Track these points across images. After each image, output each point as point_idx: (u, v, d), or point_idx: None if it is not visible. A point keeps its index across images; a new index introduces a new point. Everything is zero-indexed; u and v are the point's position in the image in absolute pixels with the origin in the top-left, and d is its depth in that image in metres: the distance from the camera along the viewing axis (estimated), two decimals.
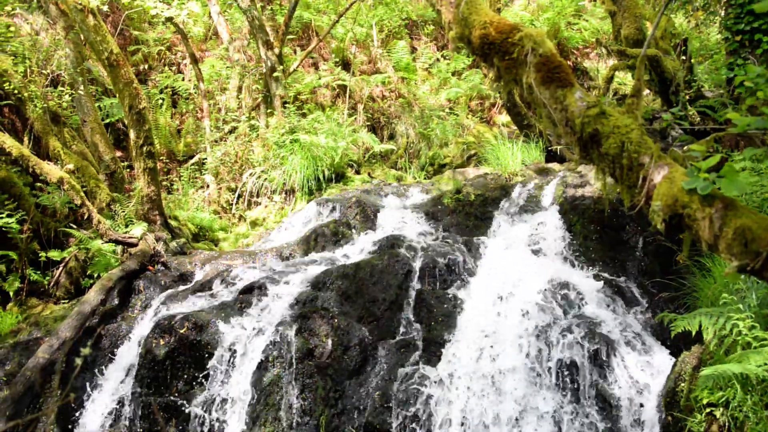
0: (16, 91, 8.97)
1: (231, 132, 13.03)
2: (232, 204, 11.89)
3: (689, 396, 4.79)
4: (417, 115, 13.98)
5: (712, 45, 12.45)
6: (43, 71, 9.89)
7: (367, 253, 8.08)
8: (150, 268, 8.20)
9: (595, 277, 7.19)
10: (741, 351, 4.30)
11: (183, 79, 14.07)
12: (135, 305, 7.70)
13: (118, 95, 9.23)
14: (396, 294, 7.09)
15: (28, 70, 9.64)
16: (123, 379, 6.65)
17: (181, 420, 6.14)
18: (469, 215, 9.05)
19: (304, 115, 12.89)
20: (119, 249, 8.62)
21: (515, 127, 12.59)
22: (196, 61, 13.17)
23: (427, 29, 16.70)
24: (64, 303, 8.10)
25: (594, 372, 5.85)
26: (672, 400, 5.13)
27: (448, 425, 5.67)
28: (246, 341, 6.50)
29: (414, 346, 6.56)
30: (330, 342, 6.37)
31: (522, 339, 6.20)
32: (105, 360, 6.95)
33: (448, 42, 16.82)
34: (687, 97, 8.63)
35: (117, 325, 7.28)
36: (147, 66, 14.11)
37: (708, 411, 4.56)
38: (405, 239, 7.99)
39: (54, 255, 8.34)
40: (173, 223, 9.93)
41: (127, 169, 10.75)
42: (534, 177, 9.77)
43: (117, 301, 7.73)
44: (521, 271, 7.22)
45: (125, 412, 6.40)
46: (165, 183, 11.94)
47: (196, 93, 13.71)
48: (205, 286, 7.82)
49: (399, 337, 6.77)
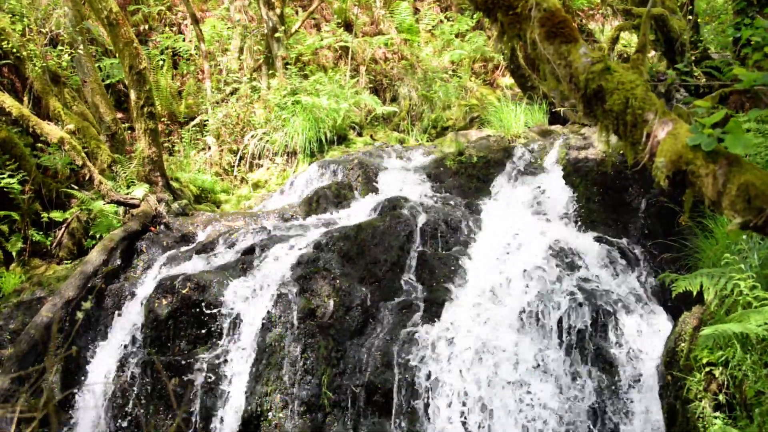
0: (14, 50, 8.88)
1: (232, 93, 12.94)
2: (233, 166, 11.86)
3: (689, 356, 4.81)
4: (420, 78, 13.86)
5: (719, 5, 12.28)
6: (42, 30, 9.79)
7: (369, 215, 8.07)
8: (152, 229, 8.21)
9: (597, 239, 7.19)
10: (741, 311, 4.31)
11: (184, 40, 13.93)
12: (137, 266, 7.72)
13: (118, 55, 9.15)
14: (398, 255, 7.10)
15: (26, 28, 9.54)
16: (126, 339, 6.69)
17: (184, 378, 6.19)
18: (472, 177, 9.03)
19: (305, 77, 12.79)
20: (121, 210, 8.63)
21: (519, 90, 12.48)
22: (197, 22, 13.03)
23: None
24: (66, 263, 8.13)
25: (594, 332, 5.88)
26: (672, 359, 5.16)
27: (448, 384, 5.71)
28: (248, 301, 6.52)
29: (415, 306, 6.59)
30: (332, 303, 6.39)
31: (523, 300, 6.22)
32: (108, 320, 6.99)
33: (451, 3, 16.62)
34: (693, 58, 8.53)
35: (119, 285, 7.31)
36: (147, 26, 13.97)
37: (707, 370, 4.58)
38: (407, 201, 7.97)
39: (56, 216, 8.34)
40: (175, 185, 9.92)
41: (128, 131, 10.70)
42: (537, 139, 9.71)
43: (119, 262, 7.75)
44: (523, 233, 7.21)
45: (129, 370, 6.45)
46: (166, 145, 11.89)
47: (197, 54, 13.58)
48: (207, 247, 7.83)
49: (400, 298, 6.79)
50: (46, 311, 6.48)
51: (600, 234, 7.36)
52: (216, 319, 6.45)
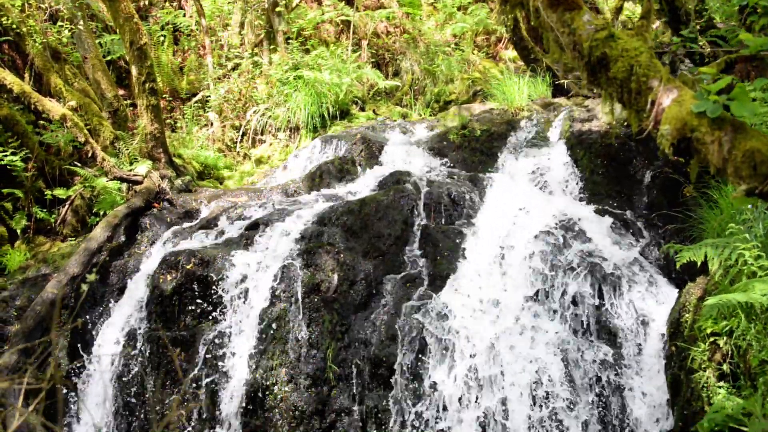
0: (14, 27, 8.83)
1: (234, 69, 12.87)
2: (236, 142, 11.83)
3: (693, 326, 4.82)
4: (422, 51, 13.76)
5: None
6: (41, 5, 9.72)
7: (372, 190, 8.06)
8: (155, 205, 8.21)
9: (601, 212, 7.17)
10: (746, 280, 4.30)
11: (184, 15, 13.83)
12: (141, 242, 7.74)
13: (118, 30, 9.09)
14: (401, 229, 7.10)
15: (25, 4, 9.47)
16: (132, 314, 6.72)
17: (190, 353, 6.23)
18: (475, 150, 8.99)
19: (307, 52, 12.70)
20: (124, 187, 8.62)
21: (522, 63, 12.39)
22: None
23: None
24: (71, 240, 8.14)
25: (598, 304, 5.89)
26: (676, 330, 5.17)
27: (453, 355, 5.74)
28: (252, 276, 6.54)
29: (419, 280, 6.60)
30: (336, 277, 6.40)
31: (527, 272, 6.22)
32: (113, 295, 7.02)
33: None
34: (698, 27, 8.43)
35: (124, 262, 7.33)
36: (147, 2, 13.86)
37: (711, 340, 4.59)
38: (410, 175, 7.95)
39: (59, 193, 8.35)
40: (178, 161, 9.90)
41: (130, 107, 10.65)
42: (540, 112, 9.65)
43: (123, 238, 7.77)
44: (527, 206, 7.20)
45: (135, 345, 6.49)
46: (168, 121, 11.85)
47: (197, 29, 13.49)
48: (211, 222, 7.84)
49: (404, 272, 6.79)
50: (51, 288, 6.50)
51: (604, 206, 7.34)
52: (220, 295, 6.47)
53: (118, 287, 7.07)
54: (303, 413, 5.87)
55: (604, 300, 5.92)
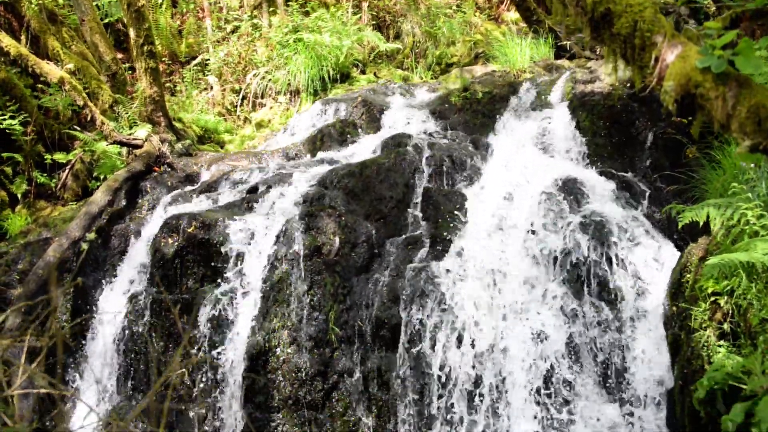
0: None
1: (233, 32, 12.74)
2: (236, 106, 11.75)
3: (694, 286, 4.82)
4: (423, 13, 13.59)
5: None
6: None
7: (374, 152, 8.02)
8: (156, 169, 8.20)
9: (603, 173, 7.14)
10: (748, 240, 4.30)
11: None
12: (142, 206, 7.75)
13: None
14: (403, 192, 7.09)
15: None
16: (134, 278, 6.76)
17: (192, 317, 6.26)
18: (477, 113, 8.92)
19: (307, 14, 12.55)
20: (124, 151, 8.59)
21: (524, 24, 12.24)
22: None
23: None
24: (71, 205, 8.14)
25: (599, 265, 5.89)
26: (677, 291, 5.18)
27: (455, 317, 5.76)
28: (254, 240, 6.55)
29: (421, 242, 6.60)
30: (337, 239, 6.41)
31: (528, 233, 6.22)
32: (115, 259, 7.05)
33: None
34: None
35: (125, 226, 7.34)
36: None
37: (712, 300, 4.60)
38: (411, 138, 7.90)
39: (59, 157, 8.32)
40: (178, 125, 9.85)
41: (129, 71, 10.57)
42: (543, 74, 9.57)
43: (124, 203, 7.78)
44: (529, 168, 7.17)
45: (137, 309, 6.52)
46: (168, 85, 11.77)
47: None
48: (212, 186, 7.83)
49: (406, 234, 6.80)
50: (53, 251, 6.53)
51: (606, 168, 7.31)
52: (222, 258, 6.48)
53: (119, 251, 7.09)
54: (305, 374, 5.92)
55: (604, 261, 5.92)
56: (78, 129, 8.37)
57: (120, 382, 6.41)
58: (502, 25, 13.92)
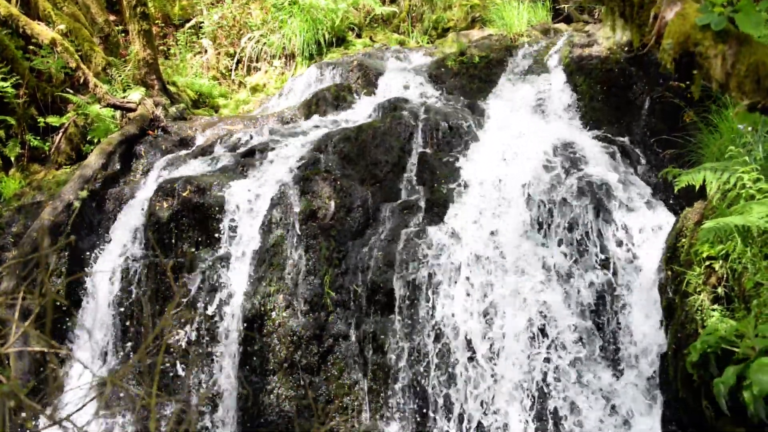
0: None
1: None
2: (231, 70, 11.64)
3: (689, 250, 4.82)
4: None
5: None
6: None
7: (369, 117, 7.96)
8: (150, 132, 8.13)
9: (600, 138, 7.11)
10: (744, 203, 4.28)
11: None
12: (136, 170, 7.70)
13: None
14: (398, 156, 7.05)
15: None
16: (129, 241, 6.74)
17: (188, 277, 6.26)
18: (473, 77, 8.85)
19: None
20: (118, 114, 8.51)
21: None
22: None
23: None
24: (65, 168, 8.08)
25: (595, 229, 5.89)
26: (672, 255, 5.18)
27: (450, 282, 5.77)
28: (249, 203, 6.52)
29: (417, 207, 6.57)
30: (333, 204, 6.39)
31: (525, 198, 6.20)
32: (110, 223, 7.03)
33: None
34: None
35: (120, 189, 7.32)
36: None
37: (707, 264, 4.60)
38: (407, 102, 7.84)
39: (53, 121, 8.23)
40: (172, 89, 9.75)
41: (122, 34, 10.43)
42: (540, 37, 9.48)
43: (118, 166, 7.72)
44: (525, 133, 7.12)
45: (132, 272, 6.52)
46: (162, 48, 11.62)
47: None
48: (206, 150, 7.78)
49: (402, 199, 6.78)
50: (47, 215, 6.52)
51: (603, 132, 7.27)
52: (217, 221, 6.47)
53: (114, 215, 7.07)
54: (301, 338, 5.94)
55: (601, 224, 5.92)
56: (71, 92, 8.28)
57: (117, 345, 6.44)
58: None
